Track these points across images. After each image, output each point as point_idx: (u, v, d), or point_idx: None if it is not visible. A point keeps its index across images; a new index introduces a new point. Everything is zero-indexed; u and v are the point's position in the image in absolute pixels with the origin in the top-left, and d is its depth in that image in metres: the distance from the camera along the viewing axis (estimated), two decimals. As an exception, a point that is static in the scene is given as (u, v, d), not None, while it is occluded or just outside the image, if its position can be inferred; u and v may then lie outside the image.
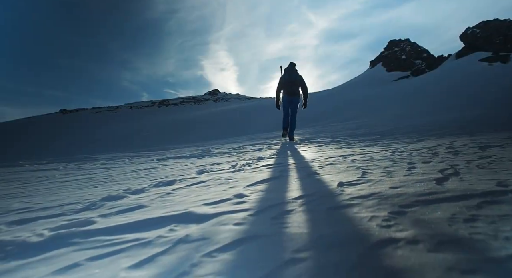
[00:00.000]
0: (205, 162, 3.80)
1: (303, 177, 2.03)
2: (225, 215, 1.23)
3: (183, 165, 3.70)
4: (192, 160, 4.62)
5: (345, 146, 4.65)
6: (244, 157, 4.27)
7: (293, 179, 1.97)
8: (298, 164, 2.76)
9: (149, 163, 4.40)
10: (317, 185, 1.72)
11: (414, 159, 2.56)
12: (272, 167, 2.68)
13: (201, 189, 1.87)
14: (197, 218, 1.21)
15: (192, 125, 21.79)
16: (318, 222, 1.05)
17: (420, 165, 2.24)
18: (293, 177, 2.08)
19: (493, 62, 29.72)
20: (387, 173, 1.95)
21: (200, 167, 3.17)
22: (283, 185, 1.77)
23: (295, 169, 2.48)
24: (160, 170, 3.20)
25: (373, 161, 2.60)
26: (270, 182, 1.93)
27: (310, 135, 8.19)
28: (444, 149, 3.24)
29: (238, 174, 2.40)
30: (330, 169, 2.31)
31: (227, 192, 1.68)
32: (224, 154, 5.33)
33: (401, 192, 1.39)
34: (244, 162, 3.33)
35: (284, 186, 1.74)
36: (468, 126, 6.34)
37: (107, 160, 5.93)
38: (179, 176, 2.56)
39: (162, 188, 2.00)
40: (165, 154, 6.82)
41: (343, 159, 2.95)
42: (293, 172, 2.30)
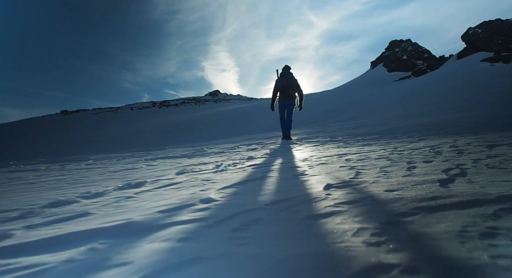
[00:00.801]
0: (192, 162, 3.56)
1: (288, 178, 1.79)
2: (176, 226, 0.99)
3: (168, 165, 3.46)
4: (181, 159, 4.38)
5: (342, 145, 4.41)
6: (235, 157, 4.03)
7: (276, 181, 1.73)
8: (287, 164, 2.52)
9: (135, 163, 4.16)
10: (300, 187, 1.47)
11: (414, 158, 2.31)
12: (258, 167, 2.44)
13: (168, 192, 1.63)
14: (137, 231, 0.96)
15: (192, 126, 21.63)
16: (286, 237, 0.81)
17: (421, 164, 1.99)
18: (277, 178, 1.84)
19: (495, 63, 29.38)
20: (383, 173, 1.71)
21: (183, 167, 2.93)
22: (262, 187, 1.53)
23: (282, 169, 2.23)
24: (140, 171, 2.96)
25: (369, 160, 2.36)
26: (249, 183, 1.69)
27: (308, 135, 7.96)
28: (447, 148, 2.99)
29: (219, 175, 2.16)
30: (320, 169, 2.06)
31: (194, 196, 1.44)
32: (216, 154, 5.10)
33: (398, 196, 1.14)
34: (231, 161, 3.10)
35: (263, 189, 1.50)
36: (470, 126, 6.10)
37: (95, 160, 5.69)
38: (155, 177, 2.32)
39: (126, 191, 1.76)
40: (158, 154, 6.59)
41: (337, 158, 2.71)
42: (279, 172, 2.05)
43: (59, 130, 30.48)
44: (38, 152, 16.95)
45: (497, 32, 36.10)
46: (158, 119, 31.33)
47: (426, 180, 1.42)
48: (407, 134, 5.38)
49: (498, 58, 30.84)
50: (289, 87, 6.08)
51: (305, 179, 1.71)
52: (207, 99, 60.37)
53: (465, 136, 4.33)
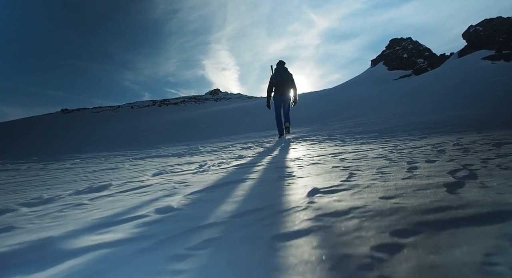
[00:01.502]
0: (179, 161, 3.34)
1: (271, 180, 1.56)
2: (93, 252, 0.75)
3: (152, 164, 3.24)
4: (170, 159, 4.17)
5: (339, 144, 4.18)
6: (225, 156, 3.81)
7: (256, 184, 1.50)
8: (276, 163, 2.29)
9: (121, 162, 3.94)
10: (280, 192, 1.24)
11: (415, 157, 2.08)
12: (244, 167, 2.21)
13: (129, 197, 1.40)
14: (34, 260, 0.73)
15: (191, 125, 21.44)
16: (238, 271, 0.58)
17: (423, 164, 1.76)
18: (258, 180, 1.61)
19: (496, 61, 29.11)
20: (380, 175, 1.48)
21: (165, 167, 2.71)
22: (236, 193, 1.30)
23: (269, 169, 2.01)
24: (119, 171, 2.74)
25: (366, 160, 2.13)
26: (225, 187, 1.46)
27: (306, 134, 7.76)
28: (451, 146, 2.76)
29: (197, 176, 1.93)
30: (310, 170, 1.84)
31: (153, 204, 1.21)
32: (208, 153, 4.89)
33: (397, 205, 0.92)
34: (218, 161, 2.87)
35: (236, 194, 1.27)
36: (473, 124, 5.87)
37: (83, 159, 5.48)
38: (129, 178, 2.10)
39: (82, 196, 1.53)
40: (150, 153, 6.38)
41: (332, 158, 2.48)
42: (263, 174, 1.83)
43: (60, 129, 30.28)
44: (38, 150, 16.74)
45: (499, 30, 35.78)
46: (158, 118, 31.16)
47: (430, 183, 1.19)
48: (408, 132, 5.16)
49: (499, 56, 30.56)
50: (284, 82, 5.91)
51: (290, 182, 1.48)
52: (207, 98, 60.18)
53: (468, 134, 4.10)
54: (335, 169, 1.81)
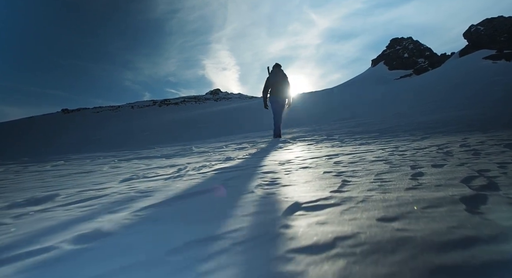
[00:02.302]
0: (163, 164, 3.09)
1: (248, 190, 1.30)
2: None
3: (132, 167, 2.99)
4: (155, 160, 3.91)
5: (337, 144, 3.93)
6: (214, 157, 3.55)
7: (228, 195, 1.24)
8: (262, 168, 2.03)
9: (102, 164, 3.68)
10: (252, 209, 0.98)
11: (419, 161, 1.82)
12: (225, 172, 1.95)
13: (64, 214, 1.12)
14: None
15: (191, 125, 21.25)
16: None
17: (429, 169, 1.50)
18: (232, 190, 1.35)
19: (497, 60, 28.85)
20: (379, 184, 1.22)
21: (141, 171, 2.45)
22: (195, 209, 1.04)
23: (252, 175, 1.75)
24: (91, 175, 2.48)
25: (363, 163, 1.87)
26: (187, 200, 1.20)
27: (304, 134, 7.51)
28: (458, 147, 2.50)
29: (167, 183, 1.67)
30: (298, 176, 1.58)
31: (83, 226, 0.93)
32: (198, 154, 4.63)
33: (401, 233, 0.66)
34: (201, 164, 2.62)
35: (193, 211, 1.01)
36: (476, 124, 5.62)
37: (68, 160, 5.22)
38: (92, 184, 1.84)
39: (11, 211, 1.24)
40: (141, 154, 6.12)
41: (326, 160, 2.22)
42: (243, 181, 1.57)
43: (60, 129, 30.10)
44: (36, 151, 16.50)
45: (500, 29, 35.52)
46: (158, 118, 31.01)
47: (443, 198, 0.93)
48: (409, 132, 4.90)
49: (500, 55, 30.30)
50: (280, 83, 6.00)
51: (270, 192, 1.22)
52: (207, 98, 60.02)
53: (474, 134, 3.84)
54: (327, 174, 1.55)
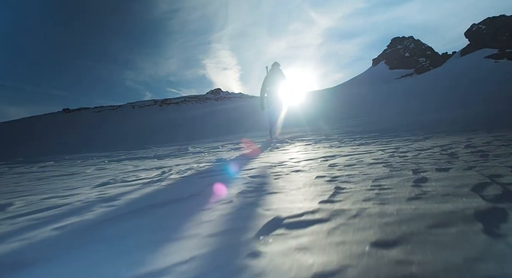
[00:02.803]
0: (147, 166, 2.93)
1: (227, 199, 1.14)
2: None
3: (117, 169, 2.83)
4: (145, 161, 3.76)
5: (335, 145, 3.76)
6: (206, 158, 3.40)
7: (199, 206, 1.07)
8: (251, 171, 1.87)
9: (89, 166, 3.53)
10: (219, 225, 0.82)
11: (422, 164, 1.66)
12: (209, 176, 1.79)
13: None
14: None
15: (190, 124, 21.16)
16: None
17: (433, 174, 1.34)
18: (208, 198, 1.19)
19: (499, 59, 28.60)
20: (376, 193, 1.06)
21: (124, 174, 2.29)
22: (153, 225, 0.87)
23: (238, 179, 1.58)
24: (67, 179, 2.32)
25: (360, 166, 1.70)
26: (152, 211, 1.03)
27: (303, 133, 7.37)
28: (463, 148, 2.33)
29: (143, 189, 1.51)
30: (287, 181, 1.41)
31: None
32: (193, 154, 4.49)
33: (404, 269, 0.49)
34: (187, 166, 2.46)
35: (150, 228, 0.84)
36: (479, 122, 5.46)
37: (59, 161, 5.07)
38: (63, 190, 1.67)
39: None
40: (136, 154, 5.98)
41: (321, 162, 2.06)
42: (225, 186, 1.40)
43: (60, 129, 30.00)
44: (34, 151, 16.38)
45: (502, 28, 35.25)
46: (158, 117, 30.91)
47: (453, 212, 0.77)
48: (411, 132, 4.73)
49: (502, 55, 30.04)
50: (278, 83, 5.95)
51: (250, 202, 1.06)
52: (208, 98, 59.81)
53: (478, 134, 3.68)
54: (319, 180, 1.39)
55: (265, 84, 5.98)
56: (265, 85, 5.97)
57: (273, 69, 5.98)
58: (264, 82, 5.99)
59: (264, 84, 5.99)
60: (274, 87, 5.90)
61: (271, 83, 5.90)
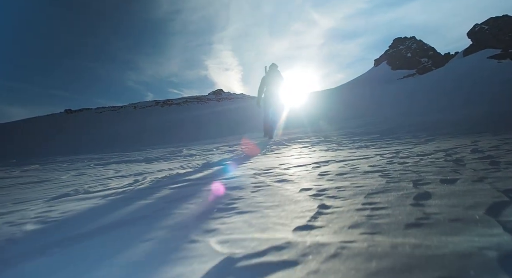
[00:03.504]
0: (128, 171, 2.74)
1: (181, 223, 0.93)
2: None
3: (97, 175, 2.64)
4: (132, 165, 3.58)
5: (333, 148, 3.55)
6: (194, 162, 3.22)
7: (143, 233, 0.87)
8: (231, 181, 1.67)
9: (69, 170, 3.35)
10: (145, 274, 0.61)
11: (424, 173, 1.44)
12: (185, 186, 1.59)
13: None
14: None
15: (190, 125, 21.01)
16: None
17: (438, 187, 1.13)
18: (161, 221, 0.98)
19: (502, 60, 28.27)
20: (367, 216, 0.85)
21: (95, 181, 2.09)
22: (61, 266, 0.68)
23: (209, 192, 1.38)
24: (31, 187, 2.13)
25: (354, 176, 1.49)
26: (79, 241, 0.83)
27: (303, 135, 7.16)
28: (469, 153, 2.12)
29: (96, 204, 1.31)
30: (265, 195, 1.21)
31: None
32: (184, 157, 4.31)
33: None
34: (166, 173, 2.26)
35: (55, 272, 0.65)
36: (483, 123, 5.23)
37: (45, 164, 4.89)
38: (12, 204, 1.48)
39: None
40: (129, 156, 5.82)
41: (312, 170, 1.85)
42: (191, 203, 1.20)
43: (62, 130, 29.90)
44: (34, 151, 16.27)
45: (505, 28, 34.90)
46: (159, 118, 30.78)
47: (468, 255, 0.56)
48: (412, 133, 4.51)
49: (505, 55, 29.71)
50: (275, 84, 5.99)
51: (205, 229, 0.85)
52: (210, 98, 59.69)
53: (483, 136, 3.45)
54: (303, 194, 1.18)
55: (262, 84, 6.04)
56: (263, 85, 6.03)
57: (271, 70, 6.00)
58: (262, 82, 6.05)
59: (261, 84, 6.06)
60: (272, 88, 5.93)
61: (268, 83, 5.94)
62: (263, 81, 6.07)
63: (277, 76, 6.00)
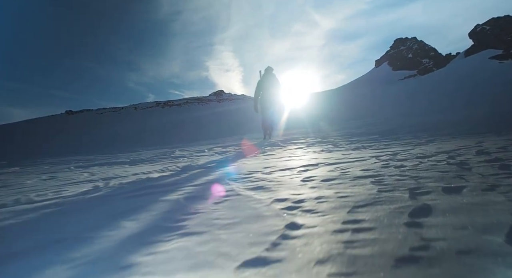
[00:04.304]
0: (102, 176, 2.53)
1: (88, 256, 0.71)
2: None
3: (67, 178, 2.43)
4: (114, 167, 3.37)
5: (328, 149, 3.33)
6: (178, 164, 3.00)
7: (44, 268, 0.65)
8: (199, 187, 1.44)
9: (43, 174, 3.14)
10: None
11: (423, 179, 1.22)
12: (144, 194, 1.37)
13: None
14: None
15: (188, 126, 20.80)
16: None
17: (440, 199, 0.91)
18: (69, 248, 0.76)
19: (504, 60, 28.00)
20: (345, 242, 0.62)
21: (55, 188, 1.87)
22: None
23: (167, 202, 1.16)
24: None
25: (341, 182, 1.27)
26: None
27: (301, 135, 6.94)
28: (475, 155, 1.89)
29: (21, 219, 1.09)
30: (229, 209, 0.99)
31: None
32: (171, 159, 4.09)
33: None
34: (136, 177, 2.05)
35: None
36: (485, 123, 5.01)
37: (24, 167, 4.67)
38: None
39: None
40: (119, 158, 5.61)
41: (296, 175, 1.63)
42: (126, 222, 0.98)
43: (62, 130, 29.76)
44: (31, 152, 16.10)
45: (506, 29, 34.64)
46: (159, 119, 30.64)
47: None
48: (412, 134, 4.28)
49: (507, 55, 29.45)
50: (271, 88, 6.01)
51: (126, 265, 0.63)
52: (210, 99, 59.57)
53: (488, 137, 3.21)
54: (275, 206, 0.95)
55: (258, 89, 6.06)
56: (258, 89, 6.05)
57: (267, 73, 6.01)
58: (257, 87, 6.07)
59: (257, 89, 6.08)
60: (267, 92, 5.95)
61: (264, 87, 5.97)
62: (258, 85, 6.08)
63: (272, 80, 5.99)
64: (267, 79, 6.00)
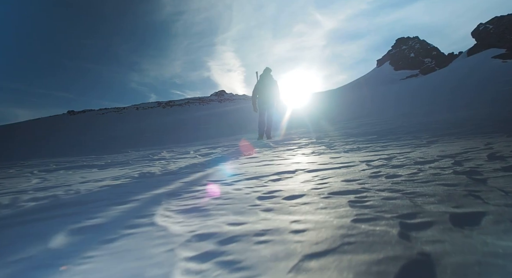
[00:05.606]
0: (57, 182, 2.18)
1: None
2: None
3: (5, 187, 2.07)
4: (84, 171, 3.03)
5: (318, 151, 3.00)
6: (148, 169, 2.66)
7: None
8: (127, 204, 1.09)
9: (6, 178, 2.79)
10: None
11: (423, 196, 0.86)
12: (33, 222, 1.02)
13: None
14: None
15: (188, 126, 20.60)
16: None
17: (449, 238, 0.55)
18: None
19: (507, 59, 27.55)
20: None
21: None
22: None
23: (51, 233, 0.80)
24: None
25: (308, 202, 0.91)
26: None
27: (296, 136, 6.62)
28: (487, 160, 1.53)
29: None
30: (180, 222, 0.62)
31: None
32: (149, 161, 3.77)
33: None
34: (78, 188, 1.69)
35: None
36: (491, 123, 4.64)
37: (5, 168, 4.37)
38: None
39: None
40: (99, 159, 5.28)
41: (259, 187, 1.28)
42: None
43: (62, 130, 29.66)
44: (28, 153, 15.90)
45: (509, 27, 34.15)
46: (159, 119, 30.48)
47: None
48: (413, 134, 3.92)
49: (510, 54, 28.99)
50: (268, 87, 6.05)
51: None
52: (212, 99, 59.41)
53: (496, 137, 2.83)
54: (181, 252, 0.59)
55: (255, 91, 6.11)
56: (256, 91, 6.10)
57: (264, 74, 6.04)
58: (255, 89, 6.13)
59: (254, 90, 6.13)
60: (265, 94, 5.99)
61: (261, 89, 6.01)
62: (255, 87, 6.13)
63: (269, 81, 6.00)
64: (264, 80, 6.00)
